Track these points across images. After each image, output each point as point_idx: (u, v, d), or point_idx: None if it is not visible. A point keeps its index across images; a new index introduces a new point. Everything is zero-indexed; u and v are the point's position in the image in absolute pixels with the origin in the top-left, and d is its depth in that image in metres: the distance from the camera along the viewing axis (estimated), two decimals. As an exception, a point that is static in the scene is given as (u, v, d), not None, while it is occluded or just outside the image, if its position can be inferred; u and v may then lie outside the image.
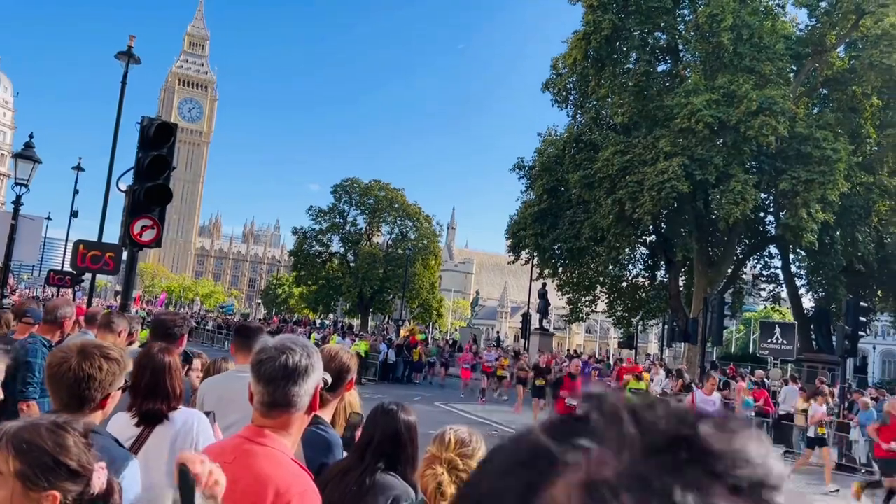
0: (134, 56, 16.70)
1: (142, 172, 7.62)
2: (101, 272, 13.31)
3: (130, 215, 7.64)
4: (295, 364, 2.04)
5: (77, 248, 11.49)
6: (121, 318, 4.97)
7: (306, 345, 2.13)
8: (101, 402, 2.48)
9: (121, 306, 8.07)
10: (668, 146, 26.16)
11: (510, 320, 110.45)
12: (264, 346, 2.10)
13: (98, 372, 2.43)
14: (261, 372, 2.05)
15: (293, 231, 61.41)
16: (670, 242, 32.87)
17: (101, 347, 2.59)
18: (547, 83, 34.89)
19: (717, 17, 25.63)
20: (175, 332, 4.31)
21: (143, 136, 7.73)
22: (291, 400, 2.04)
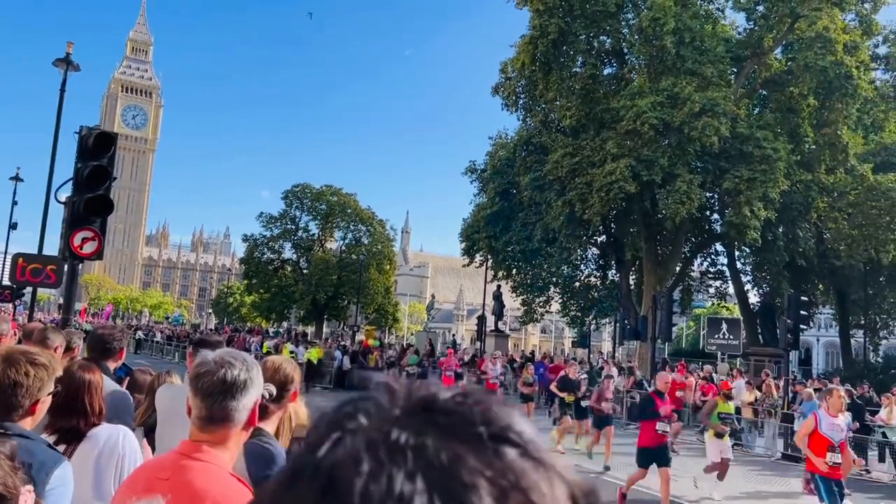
0: (73, 63, 16.25)
1: (81, 183, 7.43)
2: (43, 286, 12.86)
3: (70, 227, 7.44)
4: (234, 378, 2.02)
5: (16, 261, 11.10)
6: (56, 334, 4.82)
7: (246, 359, 2.12)
8: (31, 407, 2.44)
9: (62, 321, 7.84)
10: (615, 148, 26.63)
11: (466, 323, 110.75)
12: (204, 359, 2.08)
13: (25, 378, 2.40)
14: (198, 386, 2.03)
15: (244, 238, 60.48)
16: (620, 242, 33.47)
17: (28, 353, 2.55)
18: (496, 87, 35.17)
19: (660, 20, 26.20)
20: (114, 346, 4.21)
21: (81, 146, 7.53)
22: (229, 414, 2.02)
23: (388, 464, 0.41)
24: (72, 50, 16.49)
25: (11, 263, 11.37)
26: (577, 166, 28.07)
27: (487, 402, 0.47)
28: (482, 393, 0.49)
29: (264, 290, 59.18)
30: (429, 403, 0.47)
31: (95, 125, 7.92)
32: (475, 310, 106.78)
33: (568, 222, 28.76)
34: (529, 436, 0.46)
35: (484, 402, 0.47)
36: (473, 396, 0.48)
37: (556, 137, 31.25)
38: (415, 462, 0.41)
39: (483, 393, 0.49)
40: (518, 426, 0.46)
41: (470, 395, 0.48)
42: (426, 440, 0.42)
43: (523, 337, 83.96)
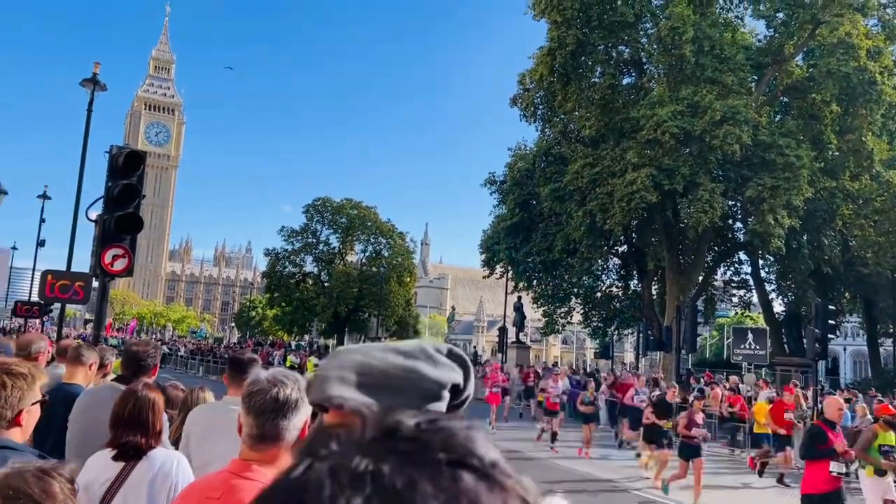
0: (100, 83, 16.51)
1: (112, 201, 7.56)
2: (71, 302, 13.05)
3: (101, 245, 7.56)
4: (286, 397, 2.06)
5: (45, 278, 11.28)
6: (90, 351, 4.91)
7: (297, 378, 2.16)
8: (15, 419, 2.43)
9: (93, 337, 7.96)
10: (635, 157, 26.54)
11: (487, 334, 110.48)
12: (256, 378, 2.12)
13: (2, 389, 2.39)
14: (251, 404, 2.07)
15: (265, 252, 60.96)
16: (642, 252, 33.29)
17: (4, 364, 2.56)
18: (515, 98, 35.23)
19: (679, 30, 26.14)
20: (148, 362, 4.26)
21: (112, 165, 7.67)
22: (281, 433, 2.06)
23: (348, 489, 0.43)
24: (98, 70, 16.76)
25: (41, 280, 11.57)
26: (597, 176, 28.00)
27: (450, 429, 0.49)
28: (448, 419, 0.51)
29: (286, 304, 59.53)
30: (392, 431, 0.49)
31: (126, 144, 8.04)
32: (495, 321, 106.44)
33: (589, 232, 28.67)
34: (491, 459, 0.48)
35: (447, 429, 0.49)
36: (438, 423, 0.50)
37: (575, 148, 31.21)
38: (372, 488, 0.43)
39: (449, 419, 0.51)
40: (479, 450, 0.48)
41: (435, 421, 0.50)
42: (384, 466, 0.45)
43: (544, 348, 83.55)
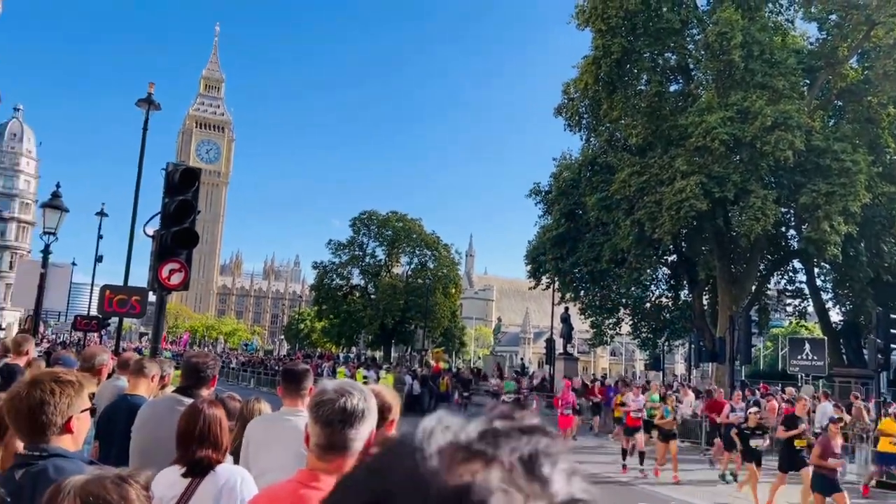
0: (154, 102, 17.00)
1: (168, 217, 7.77)
2: (128, 316, 13.42)
3: (158, 260, 7.77)
4: (353, 407, 2.08)
5: (104, 292, 11.61)
6: (152, 364, 5.04)
7: (363, 389, 2.18)
8: (65, 425, 2.47)
9: (151, 350, 8.16)
10: (684, 165, 26.13)
11: (533, 346, 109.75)
12: (324, 388, 2.14)
13: (51, 396, 2.43)
14: (319, 414, 2.09)
15: (314, 265, 61.81)
16: (692, 261, 32.67)
17: (52, 373, 2.61)
18: (559, 108, 35.10)
19: (727, 35, 25.71)
20: (207, 374, 4.36)
21: (168, 181, 7.89)
22: (347, 443, 2.07)
23: None
24: (153, 90, 17.26)
25: (100, 295, 11.93)
26: (645, 185, 27.65)
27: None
28: (525, 479, 0.45)
29: (334, 316, 60.17)
30: (462, 496, 0.43)
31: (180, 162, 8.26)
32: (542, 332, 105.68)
33: (637, 242, 28.29)
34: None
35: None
36: (516, 482, 0.44)
37: (622, 156, 30.89)
38: None
39: (528, 478, 0.45)
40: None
41: (513, 480, 0.44)
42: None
43: (593, 360, 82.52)
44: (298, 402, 4.08)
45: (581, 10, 31.36)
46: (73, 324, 29.64)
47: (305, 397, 4.14)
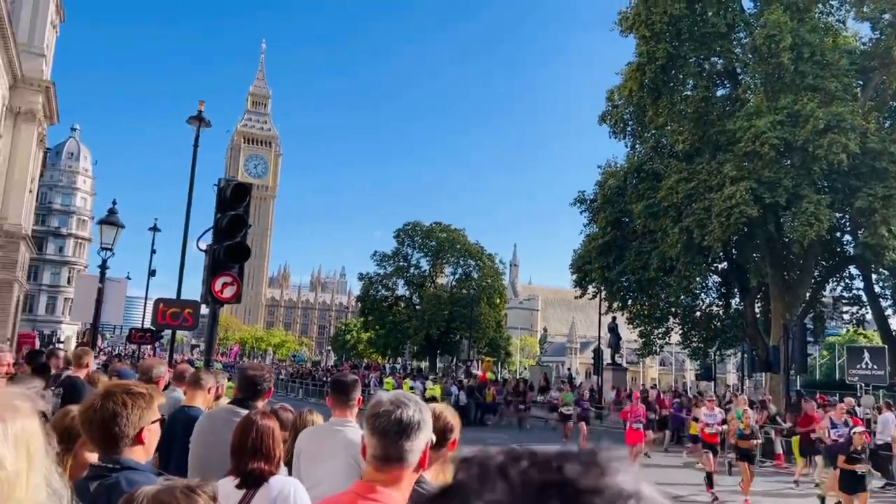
0: (204, 120, 17.41)
1: (220, 232, 7.94)
2: (181, 328, 13.70)
3: (211, 273, 7.94)
4: (409, 419, 2.09)
5: (157, 306, 11.87)
6: (209, 376, 5.16)
7: (418, 401, 2.19)
8: (137, 437, 2.53)
9: (205, 362, 8.34)
10: (733, 171, 25.63)
11: (580, 356, 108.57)
12: (379, 400, 2.16)
13: (123, 408, 2.50)
14: (375, 425, 2.10)
15: (359, 277, 62.39)
16: (743, 269, 31.92)
17: (124, 385, 2.69)
18: (603, 115, 34.81)
19: (775, 37, 25.19)
20: (263, 386, 4.43)
21: (220, 197, 8.07)
22: (404, 455, 2.08)
23: None
24: (203, 108, 17.68)
25: (153, 308, 12.21)
26: (693, 191, 27.20)
27: None
28: None
29: (380, 327, 60.56)
30: None
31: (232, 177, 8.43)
32: (588, 342, 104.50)
33: (686, 250, 27.80)
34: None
35: None
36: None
37: (668, 163, 30.45)
38: None
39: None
40: None
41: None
42: None
43: (641, 370, 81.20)
44: (347, 412, 4.12)
45: (624, 16, 31.14)
46: (128, 336, 30.45)
47: (354, 408, 4.18)
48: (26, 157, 46.88)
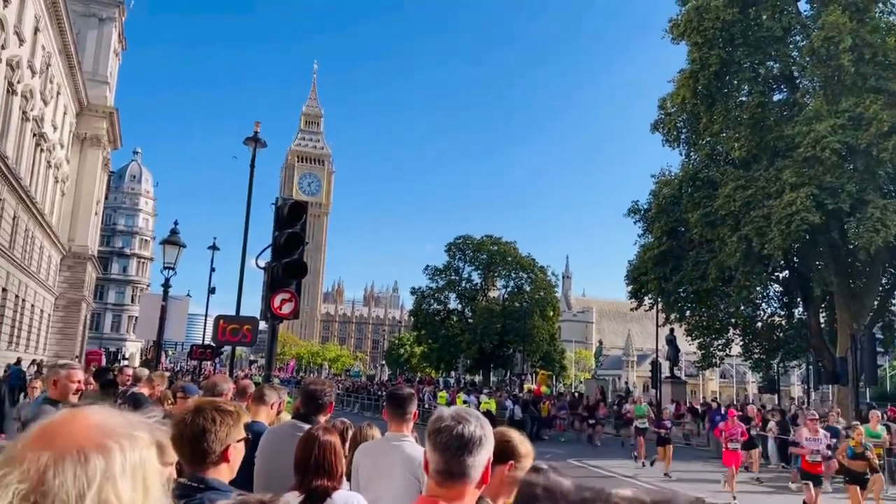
0: (260, 140, 17.86)
1: (279, 250, 8.12)
2: (240, 344, 14.02)
3: (270, 290, 8.11)
4: (471, 434, 2.08)
5: (218, 322, 12.19)
6: (272, 391, 5.26)
7: (479, 416, 2.19)
8: (223, 453, 2.57)
9: (265, 377, 8.51)
10: (793, 177, 24.93)
11: (637, 369, 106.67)
12: (441, 415, 2.16)
13: (212, 424, 2.55)
14: (437, 441, 2.10)
15: (411, 291, 62.72)
16: (806, 277, 30.93)
17: (214, 402, 2.74)
18: (655, 124, 34.30)
19: (834, 39, 24.49)
20: (324, 400, 4.50)
21: (278, 215, 8.26)
22: (466, 470, 2.07)
23: None
24: (259, 128, 18.13)
25: (214, 324, 12.54)
26: (751, 199, 26.54)
27: None
28: None
29: (433, 341, 60.65)
30: None
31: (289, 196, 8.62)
32: (645, 355, 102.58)
33: (745, 259, 27.08)
34: None
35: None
36: None
37: (725, 170, 29.80)
38: None
39: None
40: None
41: None
42: None
43: (701, 382, 79.24)
44: (403, 426, 4.15)
45: (675, 23, 30.72)
46: (190, 352, 31.25)
47: (410, 422, 4.20)
48: (92, 180, 48.81)
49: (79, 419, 0.95)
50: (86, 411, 0.98)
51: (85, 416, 0.96)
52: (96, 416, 0.96)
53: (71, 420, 0.95)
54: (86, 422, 0.95)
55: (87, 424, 0.94)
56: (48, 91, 37.07)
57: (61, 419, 0.95)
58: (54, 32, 36.91)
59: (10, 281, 33.30)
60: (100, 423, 0.95)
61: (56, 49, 38.07)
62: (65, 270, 47.06)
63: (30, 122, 33.77)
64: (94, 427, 0.94)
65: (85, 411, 0.98)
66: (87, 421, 0.95)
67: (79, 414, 0.97)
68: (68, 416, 0.96)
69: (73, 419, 0.95)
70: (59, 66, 39.65)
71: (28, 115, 33.22)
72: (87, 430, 0.93)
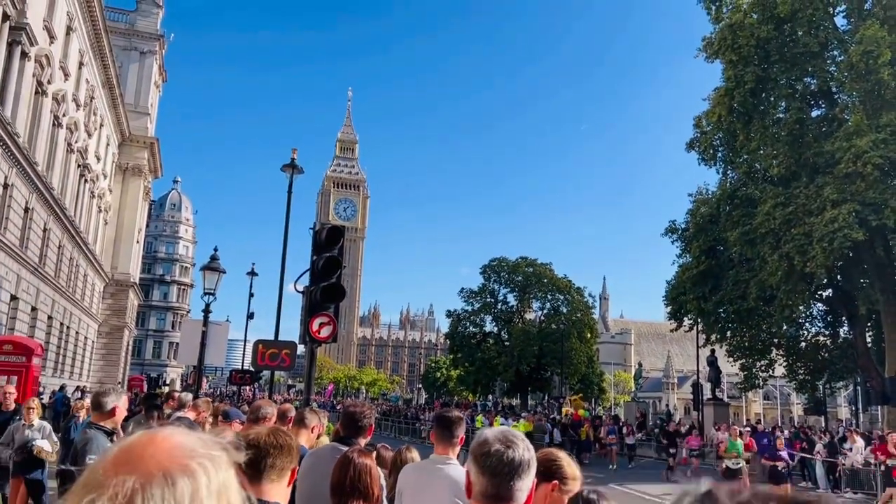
0: (297, 167, 18.10)
1: (317, 274, 8.21)
2: (279, 369, 14.11)
3: (309, 314, 8.20)
4: (520, 458, 2.08)
5: (257, 347, 12.32)
6: (312, 415, 5.32)
7: (524, 438, 2.18)
8: (290, 477, 2.66)
9: (304, 400, 8.58)
10: (834, 193, 24.45)
11: (678, 391, 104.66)
12: (486, 438, 2.15)
13: (283, 450, 2.66)
14: (486, 465, 2.08)
15: (447, 314, 62.65)
16: (850, 295, 30.15)
17: (281, 431, 2.83)
18: (691, 142, 34.01)
19: (873, 53, 24.10)
20: (364, 423, 4.52)
21: (315, 240, 8.37)
22: (514, 494, 2.06)
23: None
24: (296, 155, 18.40)
25: (253, 349, 12.66)
26: (791, 216, 26.06)
27: None
28: None
29: (469, 364, 60.37)
30: None
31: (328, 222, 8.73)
32: (686, 377, 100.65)
33: (787, 277, 26.53)
34: None
35: None
36: None
37: (763, 188, 29.35)
38: None
39: None
40: None
41: None
42: None
43: (744, 405, 77.41)
44: (449, 450, 4.13)
45: (709, 42, 30.56)
46: (229, 378, 31.60)
47: (457, 446, 4.18)
48: (134, 209, 50.01)
49: (158, 441, 0.94)
50: (164, 433, 0.96)
51: (164, 437, 0.95)
52: (176, 438, 0.95)
53: (151, 442, 0.94)
54: (166, 444, 0.94)
55: (168, 446, 0.93)
56: (92, 123, 38.22)
57: (141, 441, 0.94)
58: (98, 66, 38.14)
59: (56, 309, 34.14)
60: (181, 445, 0.94)
61: (99, 82, 39.31)
62: (108, 298, 48.10)
63: (74, 154, 34.82)
64: (175, 449, 0.93)
65: (163, 433, 0.96)
66: (168, 443, 0.94)
67: (157, 436, 0.95)
68: (147, 439, 0.95)
69: (152, 441, 0.94)
70: (103, 98, 40.91)
71: (73, 147, 34.27)
72: (169, 453, 0.92)
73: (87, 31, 34.45)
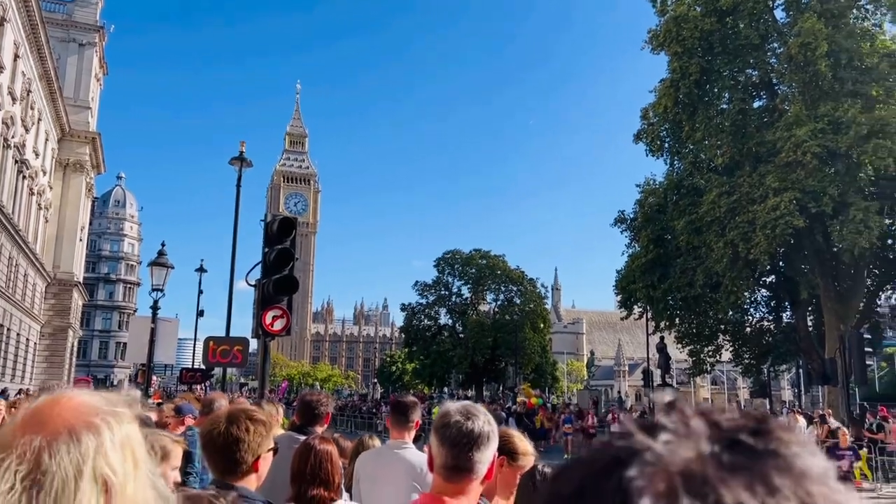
0: (246, 160, 17.82)
1: (269, 266, 8.10)
2: (231, 365, 13.91)
3: (261, 307, 8.09)
4: (479, 430, 2.09)
5: (207, 344, 12.12)
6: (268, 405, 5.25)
7: (486, 412, 2.20)
8: (253, 464, 2.57)
9: (259, 396, 8.46)
10: (775, 182, 25.21)
11: (629, 378, 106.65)
12: (447, 410, 2.17)
13: (245, 434, 2.55)
14: (445, 435, 2.10)
15: (401, 308, 62.60)
16: (793, 281, 31.18)
17: (247, 411, 2.74)
18: (638, 134, 34.60)
19: (811, 45, 24.89)
20: (321, 411, 4.50)
21: (267, 232, 8.25)
22: (473, 466, 2.08)
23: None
24: (244, 148, 18.10)
25: (203, 346, 12.47)
26: (735, 205, 26.78)
27: None
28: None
29: (424, 357, 60.49)
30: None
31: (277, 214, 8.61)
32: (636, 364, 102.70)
33: (732, 264, 27.28)
34: None
35: None
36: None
37: (709, 177, 30.08)
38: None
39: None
40: None
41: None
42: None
43: (692, 390, 79.39)
44: (405, 434, 4.13)
45: (654, 34, 31.11)
46: (179, 376, 30.96)
47: (412, 430, 4.19)
48: (76, 206, 48.48)
49: (64, 402, 0.99)
50: (68, 394, 1.02)
51: (68, 398, 1.00)
52: (80, 398, 1.01)
53: (57, 403, 0.99)
54: (71, 403, 0.99)
55: (73, 406, 0.98)
56: (29, 118, 36.91)
57: (46, 403, 0.99)
58: (34, 59, 36.81)
59: (-5, 310, 32.99)
60: (85, 404, 0.99)
61: (36, 75, 37.96)
62: (50, 298, 46.60)
63: (11, 150, 33.59)
64: (80, 407, 0.98)
65: (67, 394, 1.01)
66: (73, 402, 0.99)
67: (62, 397, 1.01)
68: (53, 400, 1.00)
69: (58, 402, 0.99)
70: (40, 92, 39.52)
71: (9, 143, 33.05)
72: (75, 411, 0.97)
73: (21, 22, 33.20)
